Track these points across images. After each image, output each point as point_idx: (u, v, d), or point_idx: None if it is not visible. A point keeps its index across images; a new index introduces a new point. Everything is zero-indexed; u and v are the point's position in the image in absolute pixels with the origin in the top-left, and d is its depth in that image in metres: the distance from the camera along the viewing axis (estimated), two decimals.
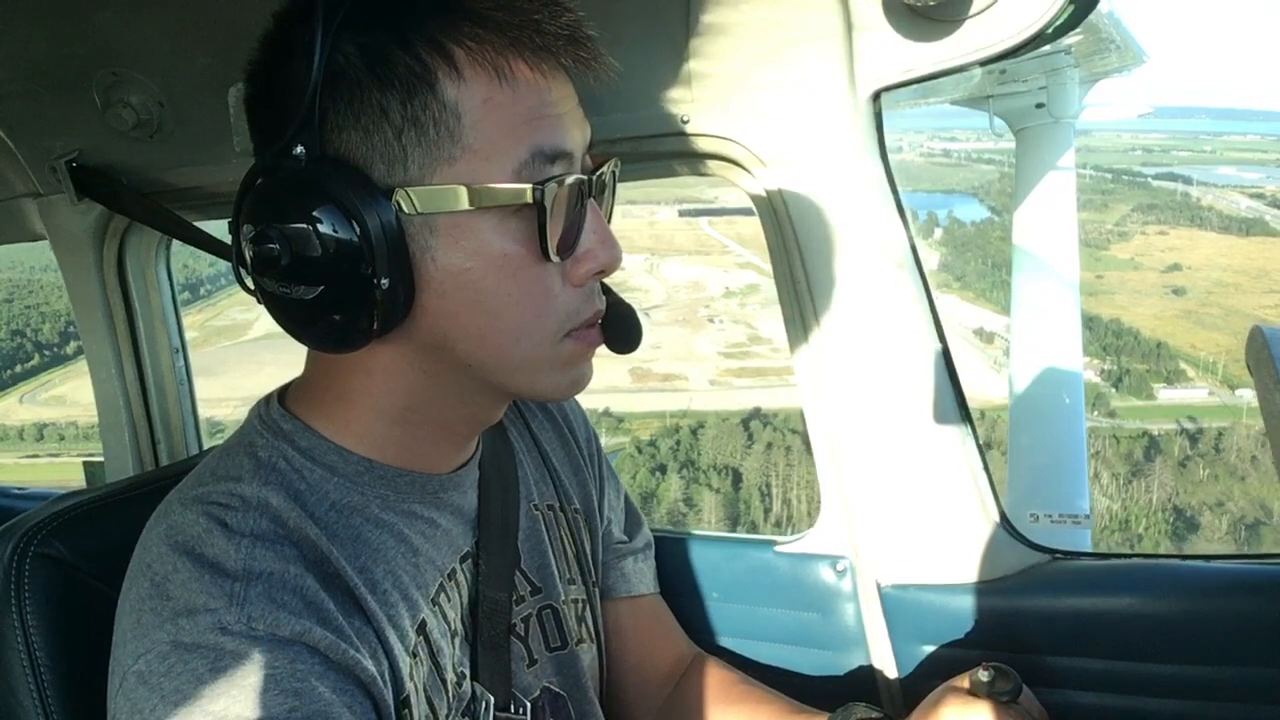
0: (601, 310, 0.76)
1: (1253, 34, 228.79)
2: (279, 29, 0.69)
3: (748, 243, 31.15)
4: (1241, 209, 34.91)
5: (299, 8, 0.67)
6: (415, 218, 0.66)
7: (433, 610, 0.78)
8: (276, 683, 0.61)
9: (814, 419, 1.14)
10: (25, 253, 13.47)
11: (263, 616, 0.63)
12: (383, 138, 0.65)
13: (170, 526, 0.69)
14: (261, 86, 0.70)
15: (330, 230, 0.64)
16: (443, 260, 0.67)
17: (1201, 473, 23.26)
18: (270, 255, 0.65)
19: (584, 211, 0.71)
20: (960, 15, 0.91)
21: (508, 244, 0.68)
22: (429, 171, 0.66)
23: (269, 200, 0.66)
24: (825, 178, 1.03)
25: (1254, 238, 33.36)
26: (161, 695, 0.60)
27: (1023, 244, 4.71)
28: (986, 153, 34.31)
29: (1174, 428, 18.26)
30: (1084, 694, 1.06)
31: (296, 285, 0.66)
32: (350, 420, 0.75)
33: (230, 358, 24.47)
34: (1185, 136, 40.46)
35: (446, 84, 0.65)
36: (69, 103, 1.23)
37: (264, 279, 0.68)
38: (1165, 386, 23.61)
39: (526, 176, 0.67)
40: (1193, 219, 33.90)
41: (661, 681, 1.08)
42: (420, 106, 0.65)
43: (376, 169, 0.66)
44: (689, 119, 1.06)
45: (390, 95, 0.65)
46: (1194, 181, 36.70)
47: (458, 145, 0.66)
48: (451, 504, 0.82)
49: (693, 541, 1.24)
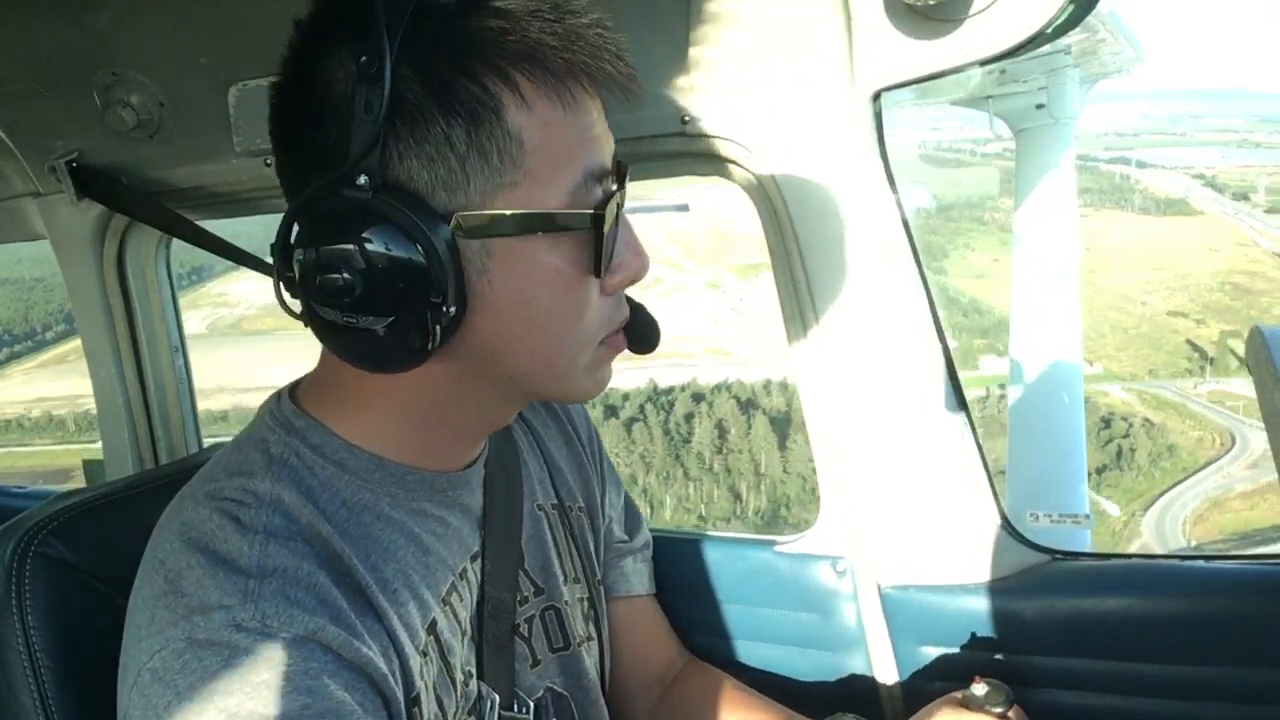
0: (628, 316, 0.77)
1: (1252, 13, 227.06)
2: (317, 43, 0.67)
3: (701, 259, 30.92)
4: (1170, 190, 35.39)
5: (340, 26, 0.65)
6: (473, 242, 0.66)
7: (444, 609, 0.78)
8: (289, 680, 0.62)
9: (814, 419, 1.14)
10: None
11: (277, 614, 0.64)
12: (446, 165, 0.64)
13: (184, 523, 0.69)
14: (302, 105, 0.68)
15: (400, 261, 0.64)
16: (499, 282, 0.67)
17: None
18: (336, 285, 0.64)
19: (618, 224, 0.72)
20: (960, 15, 0.91)
21: (561, 263, 0.69)
22: (490, 197, 0.65)
23: (333, 230, 0.65)
24: (825, 178, 1.03)
25: (1169, 217, 34.16)
26: (176, 691, 0.61)
27: (1022, 244, 4.71)
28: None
29: (981, 394, 18.93)
30: (1084, 694, 1.06)
31: (365, 315, 0.65)
32: (365, 420, 0.76)
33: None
34: (1162, 120, 40.56)
35: (512, 111, 0.65)
36: (69, 103, 1.23)
37: (324, 308, 0.66)
38: (995, 357, 23.87)
39: (580, 197, 0.68)
40: (1120, 201, 34.31)
41: (653, 683, 1.09)
42: (486, 135, 0.64)
43: (438, 195, 0.65)
44: (689, 119, 1.06)
45: (454, 123, 0.64)
46: (1146, 165, 37.03)
47: (519, 171, 0.66)
48: (461, 502, 0.83)
49: (692, 542, 1.24)
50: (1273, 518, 23.78)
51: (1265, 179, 36.21)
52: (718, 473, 26.88)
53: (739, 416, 26.31)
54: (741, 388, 27.24)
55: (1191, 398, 27.38)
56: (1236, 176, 37.01)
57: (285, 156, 0.71)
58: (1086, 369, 25.50)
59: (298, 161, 0.70)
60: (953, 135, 29.74)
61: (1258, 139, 39.03)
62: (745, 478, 26.34)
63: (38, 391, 28.35)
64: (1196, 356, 29.47)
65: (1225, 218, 34.79)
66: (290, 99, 0.69)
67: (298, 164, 0.70)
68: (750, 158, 1.06)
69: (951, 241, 29.30)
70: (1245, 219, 34.56)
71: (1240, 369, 29.55)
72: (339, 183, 0.64)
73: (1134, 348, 28.49)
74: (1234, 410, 26.74)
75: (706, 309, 29.35)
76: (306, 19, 0.68)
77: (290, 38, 0.69)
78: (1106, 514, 21.71)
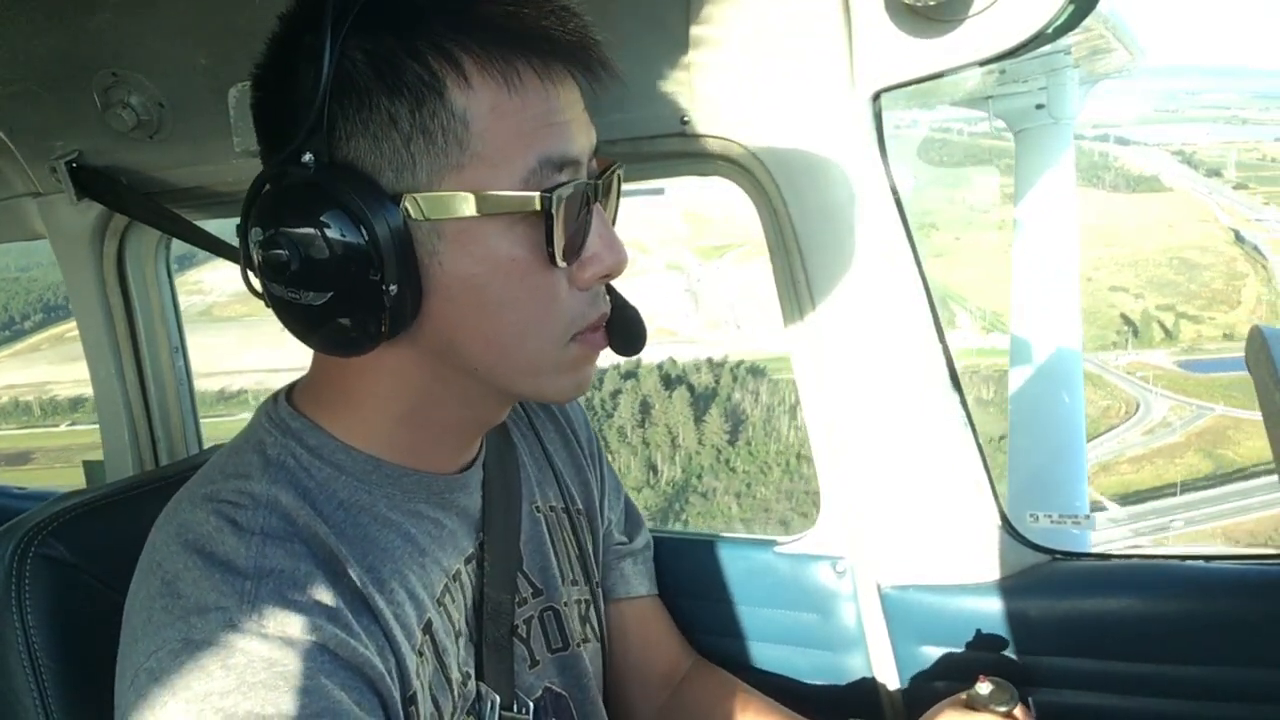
0: (607, 313, 0.76)
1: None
2: (285, 33, 0.68)
3: (668, 242, 32.16)
4: (1144, 168, 35.61)
5: (305, 13, 0.67)
6: (423, 223, 0.66)
7: (438, 610, 0.78)
8: (287, 680, 0.62)
9: (814, 419, 1.14)
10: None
11: (274, 615, 0.64)
12: (391, 145, 0.65)
13: (180, 525, 0.69)
14: (269, 91, 0.70)
15: (339, 236, 0.64)
16: (450, 265, 0.67)
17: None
18: (279, 261, 0.65)
19: (590, 216, 0.71)
20: (960, 15, 0.91)
21: (515, 249, 0.68)
22: (437, 178, 0.66)
23: (277, 206, 0.66)
24: (825, 178, 1.03)
25: (1138, 194, 34.72)
26: (173, 692, 0.61)
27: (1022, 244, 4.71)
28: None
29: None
30: (1084, 694, 1.06)
31: (305, 291, 0.66)
32: (357, 420, 0.76)
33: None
34: (1159, 96, 40.60)
35: (455, 92, 0.65)
36: (69, 103, 1.23)
37: (272, 284, 0.68)
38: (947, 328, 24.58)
39: (535, 183, 0.67)
40: (1093, 179, 34.60)
41: (659, 684, 1.09)
42: (429, 115, 0.65)
43: (385, 175, 0.66)
44: (689, 119, 1.06)
45: (399, 103, 0.64)
46: (1129, 142, 37.12)
47: (466, 153, 0.66)
48: (457, 505, 0.83)
49: (692, 542, 1.24)
50: (1154, 480, 24.77)
51: (1236, 155, 36.48)
52: (635, 445, 27.50)
53: (662, 392, 26.87)
54: (673, 365, 27.86)
55: (1109, 368, 28.06)
56: (1216, 153, 37.33)
57: (261, 145, 0.73)
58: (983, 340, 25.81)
59: (264, 149, 0.72)
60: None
61: (1246, 115, 39.24)
62: (661, 449, 26.91)
63: (7, 379, 28.72)
64: (1127, 329, 29.89)
65: (1193, 194, 35.34)
66: (260, 89, 0.71)
67: (264, 149, 0.72)
68: (750, 158, 1.06)
69: (916, 220, 29.65)
70: (1214, 195, 35.02)
71: (1165, 340, 29.83)
72: (286, 161, 0.65)
73: None
74: (1145, 380, 27.29)
75: (663, 290, 29.87)
76: (286, 11, 0.69)
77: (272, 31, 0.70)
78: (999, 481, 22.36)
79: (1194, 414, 26.90)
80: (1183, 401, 27.33)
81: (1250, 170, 35.84)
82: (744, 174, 1.09)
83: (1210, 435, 26.27)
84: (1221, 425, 26.31)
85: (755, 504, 26.74)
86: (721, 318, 30.70)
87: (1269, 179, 35.37)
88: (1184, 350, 29.61)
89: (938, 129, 24.39)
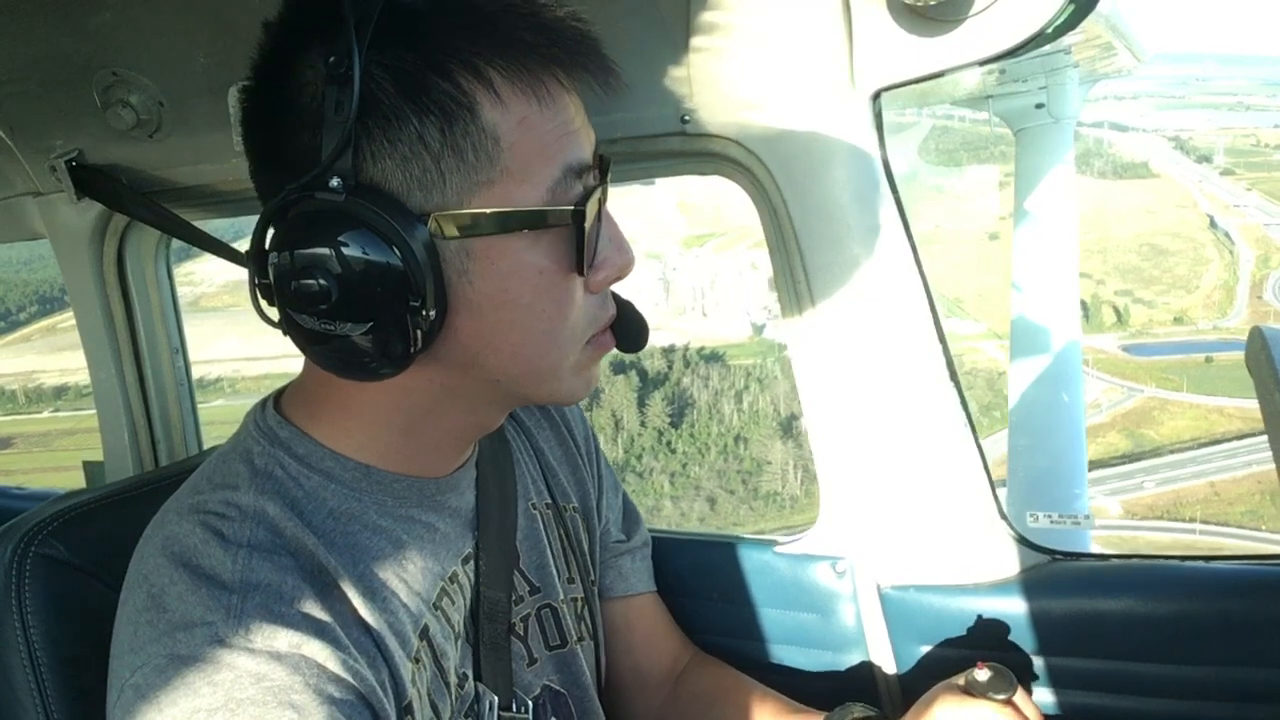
0: (614, 314, 0.76)
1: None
2: (292, 45, 0.66)
3: (654, 230, 32.74)
4: (1135, 154, 35.64)
5: (314, 26, 0.64)
6: (451, 242, 0.65)
7: (435, 614, 0.77)
8: (274, 695, 0.61)
9: (813, 419, 1.14)
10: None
11: (260, 630, 0.63)
12: (420, 165, 0.63)
13: (167, 537, 0.69)
14: (270, 106, 0.67)
15: (377, 265, 0.62)
16: (479, 283, 0.66)
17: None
18: (312, 292, 0.62)
19: (600, 220, 0.71)
20: (960, 15, 0.90)
21: (542, 261, 0.67)
22: (466, 196, 0.65)
23: (307, 234, 0.63)
24: (825, 177, 1.03)
25: (1125, 180, 34.76)
26: (159, 709, 0.60)
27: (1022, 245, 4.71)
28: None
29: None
30: (1084, 694, 1.06)
31: (342, 322, 0.63)
32: (351, 429, 0.75)
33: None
34: (1169, 83, 40.54)
35: (486, 108, 0.64)
36: (69, 102, 1.23)
37: (301, 315, 0.65)
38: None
39: (559, 193, 0.66)
40: (1084, 166, 34.48)
41: (660, 680, 1.09)
42: (461, 133, 0.63)
43: (414, 196, 0.64)
44: (689, 119, 1.06)
45: (428, 121, 0.63)
46: (1126, 128, 37.11)
47: (495, 168, 0.65)
48: (449, 506, 0.82)
49: (692, 542, 1.24)
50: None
51: (1229, 141, 36.52)
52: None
53: (611, 376, 27.31)
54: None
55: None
56: (1211, 140, 37.36)
57: (258, 161, 0.70)
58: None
59: (271, 166, 0.68)
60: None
61: (1252, 102, 39.23)
62: (604, 431, 27.35)
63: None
64: (1081, 315, 30.14)
65: (1179, 181, 35.32)
66: (261, 103, 0.68)
67: (271, 169, 0.68)
68: (750, 157, 1.06)
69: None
70: (1202, 182, 35.00)
71: (1115, 325, 29.87)
72: (311, 186, 0.62)
73: None
74: (1084, 364, 27.89)
75: (638, 277, 30.19)
76: (275, 20, 0.67)
77: (259, 40, 0.67)
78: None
79: (1124, 395, 27.15)
80: (1114, 383, 27.54)
81: (1240, 156, 35.86)
82: (744, 173, 1.09)
83: (1135, 416, 26.56)
84: (1148, 406, 26.62)
85: (688, 482, 27.55)
86: (688, 304, 30.88)
87: (1257, 165, 35.47)
88: (1131, 335, 29.71)
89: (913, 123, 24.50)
